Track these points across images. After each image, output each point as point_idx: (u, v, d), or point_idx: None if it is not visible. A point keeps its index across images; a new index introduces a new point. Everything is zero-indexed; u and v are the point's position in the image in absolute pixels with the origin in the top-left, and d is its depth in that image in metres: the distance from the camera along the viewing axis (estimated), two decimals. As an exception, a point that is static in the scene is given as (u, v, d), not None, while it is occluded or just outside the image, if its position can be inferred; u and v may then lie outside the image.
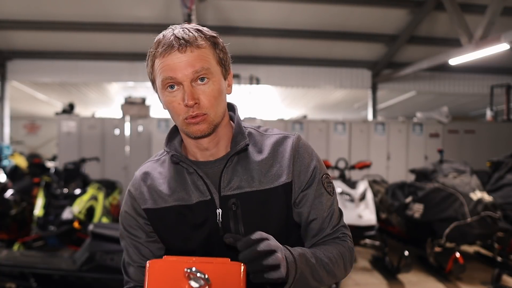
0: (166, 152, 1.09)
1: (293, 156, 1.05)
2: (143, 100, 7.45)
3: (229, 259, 0.85)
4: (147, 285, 0.82)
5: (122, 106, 7.31)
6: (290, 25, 7.51)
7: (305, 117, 8.13)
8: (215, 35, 1.02)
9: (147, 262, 0.85)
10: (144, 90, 9.53)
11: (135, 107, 7.26)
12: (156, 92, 1.06)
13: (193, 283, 0.78)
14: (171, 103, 0.99)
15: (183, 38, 0.95)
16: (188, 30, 0.98)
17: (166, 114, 1.23)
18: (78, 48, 7.99)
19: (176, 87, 0.97)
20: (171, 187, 1.05)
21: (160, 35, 1.01)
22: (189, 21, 4.50)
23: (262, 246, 0.83)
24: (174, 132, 1.12)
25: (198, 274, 0.79)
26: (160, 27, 1.05)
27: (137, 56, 8.26)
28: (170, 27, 1.02)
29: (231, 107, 1.13)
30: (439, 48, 7.77)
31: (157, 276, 0.82)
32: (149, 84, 1.10)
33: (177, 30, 0.98)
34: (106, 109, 12.21)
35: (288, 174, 1.04)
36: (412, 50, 8.33)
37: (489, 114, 8.68)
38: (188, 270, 0.79)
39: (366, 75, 9.14)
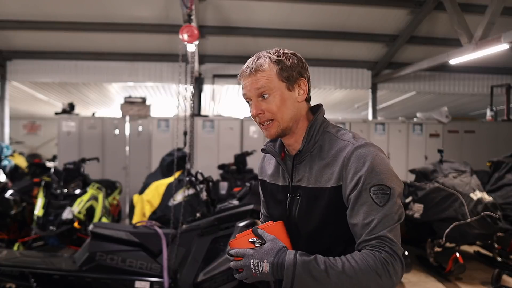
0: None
1: (344, 164, 1.18)
2: (143, 99, 7.44)
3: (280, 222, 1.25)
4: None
5: (122, 106, 7.31)
6: (290, 25, 7.51)
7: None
8: (282, 58, 1.25)
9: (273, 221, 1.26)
10: (144, 90, 9.53)
11: (135, 107, 7.25)
12: None
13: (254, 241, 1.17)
14: (251, 112, 1.28)
15: (251, 67, 1.24)
16: (261, 58, 1.25)
17: (166, 114, 1.39)
18: (78, 48, 7.99)
19: (250, 102, 1.27)
20: (272, 168, 1.40)
21: (244, 64, 1.29)
22: (189, 21, 4.50)
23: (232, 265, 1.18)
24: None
25: (254, 240, 1.16)
26: (160, 27, 1.05)
27: (137, 56, 8.26)
28: (257, 55, 1.29)
29: (314, 109, 1.33)
30: (439, 48, 7.77)
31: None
32: (149, 84, 1.15)
33: (253, 58, 1.26)
34: (106, 109, 12.21)
35: (337, 179, 1.18)
36: (412, 50, 8.33)
37: (489, 114, 8.68)
38: (252, 240, 1.17)
39: (366, 75, 9.14)
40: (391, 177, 1.17)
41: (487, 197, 4.24)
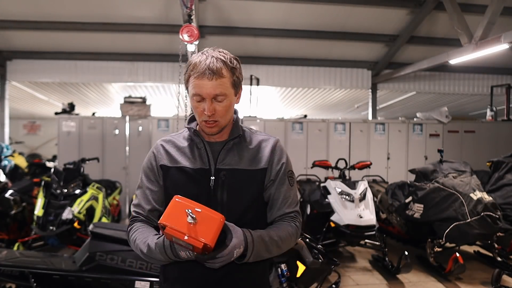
0: (186, 129, 1.53)
1: (272, 151, 1.49)
2: (143, 99, 7.43)
3: (219, 213, 1.23)
4: (168, 208, 1.23)
5: (122, 106, 7.30)
6: (290, 25, 7.51)
7: (305, 117, 8.13)
8: (235, 66, 1.40)
9: (175, 196, 1.26)
10: (144, 90, 9.53)
11: (135, 107, 7.25)
12: (188, 94, 1.46)
13: (188, 219, 1.18)
14: (196, 108, 1.41)
15: (212, 70, 1.33)
16: (216, 60, 1.34)
17: (166, 114, 1.46)
18: (78, 48, 7.99)
19: (201, 100, 1.37)
20: (183, 154, 1.48)
21: (197, 60, 1.36)
22: (189, 21, 4.49)
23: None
24: (193, 118, 1.55)
25: (192, 214, 1.18)
26: (160, 27, 1.06)
27: (137, 56, 8.26)
28: (204, 52, 1.38)
29: (235, 111, 1.54)
30: (439, 48, 7.78)
31: (174, 206, 1.23)
32: (149, 84, 1.16)
33: (209, 60, 1.34)
34: (106, 109, 12.21)
35: (266, 162, 1.47)
36: (412, 50, 8.33)
37: (489, 114, 8.68)
38: (188, 211, 1.18)
39: (366, 75, 9.14)
40: (292, 166, 1.56)
41: (487, 197, 4.24)
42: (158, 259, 1.32)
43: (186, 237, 1.17)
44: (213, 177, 1.42)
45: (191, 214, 1.18)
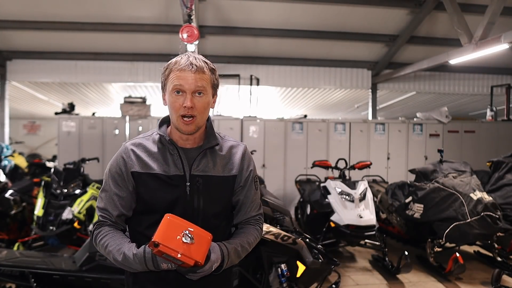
0: (156, 133, 1.49)
1: (242, 159, 1.54)
2: (143, 99, 7.43)
3: (207, 232, 1.31)
4: (160, 226, 1.25)
5: (122, 106, 7.30)
6: (290, 25, 7.51)
7: (305, 117, 8.13)
8: (214, 68, 1.46)
9: (166, 214, 1.28)
10: (144, 90, 9.53)
11: (135, 107, 7.25)
12: (163, 91, 1.47)
13: (184, 239, 1.23)
14: (173, 102, 1.40)
15: (195, 65, 1.38)
16: (198, 60, 1.40)
17: (166, 114, 1.51)
18: (78, 48, 7.98)
19: (181, 93, 1.39)
20: (155, 159, 1.45)
21: (178, 58, 1.41)
22: (189, 21, 4.50)
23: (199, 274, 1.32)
24: (163, 122, 1.55)
25: (189, 235, 1.25)
26: (160, 27, 1.07)
27: (137, 56, 8.26)
28: (186, 54, 1.43)
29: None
30: (439, 48, 7.77)
31: (166, 224, 1.26)
32: (149, 84, 1.19)
33: (191, 58, 1.40)
34: (106, 109, 12.21)
35: (237, 169, 1.52)
36: (412, 50, 8.33)
37: (489, 114, 8.68)
38: (185, 232, 1.24)
39: (366, 75, 9.14)
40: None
41: (487, 197, 4.24)
42: (134, 268, 1.35)
43: (179, 255, 1.22)
44: (189, 183, 1.43)
45: (188, 234, 1.24)
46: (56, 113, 7.43)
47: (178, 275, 1.38)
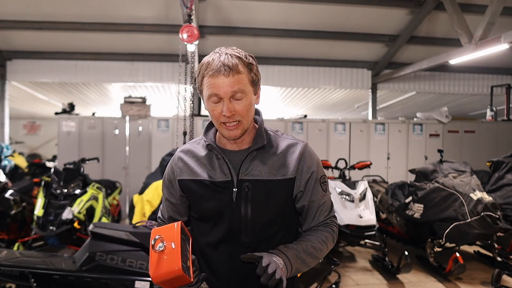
0: (203, 140, 1.40)
1: (300, 159, 1.35)
2: (143, 99, 7.43)
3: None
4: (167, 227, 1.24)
5: (122, 106, 7.31)
6: (290, 25, 7.51)
7: (305, 117, 8.13)
8: (252, 62, 1.30)
9: (178, 221, 1.26)
10: (144, 90, 9.53)
11: (135, 107, 7.25)
12: (202, 98, 1.34)
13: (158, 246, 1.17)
14: (213, 111, 1.28)
15: (228, 65, 1.23)
16: (231, 57, 1.25)
17: (166, 114, 1.41)
18: (78, 48, 7.98)
19: (217, 100, 1.26)
20: (202, 165, 1.37)
21: (210, 58, 1.26)
22: (189, 21, 4.49)
23: (269, 270, 1.16)
24: (210, 125, 1.45)
25: (163, 242, 1.17)
26: (160, 27, 1.06)
27: (137, 56, 8.26)
28: (217, 51, 1.28)
29: (257, 112, 1.43)
30: (439, 48, 7.78)
31: (170, 229, 1.23)
32: (149, 84, 1.16)
33: (223, 56, 1.24)
34: (106, 109, 12.21)
35: (293, 171, 1.34)
36: (412, 50, 8.33)
37: (489, 114, 8.68)
38: (157, 236, 1.18)
39: (366, 75, 9.14)
40: (323, 169, 1.45)
41: (487, 197, 4.24)
42: None
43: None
44: (236, 189, 1.32)
45: (162, 241, 1.18)
46: (56, 113, 7.43)
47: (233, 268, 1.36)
